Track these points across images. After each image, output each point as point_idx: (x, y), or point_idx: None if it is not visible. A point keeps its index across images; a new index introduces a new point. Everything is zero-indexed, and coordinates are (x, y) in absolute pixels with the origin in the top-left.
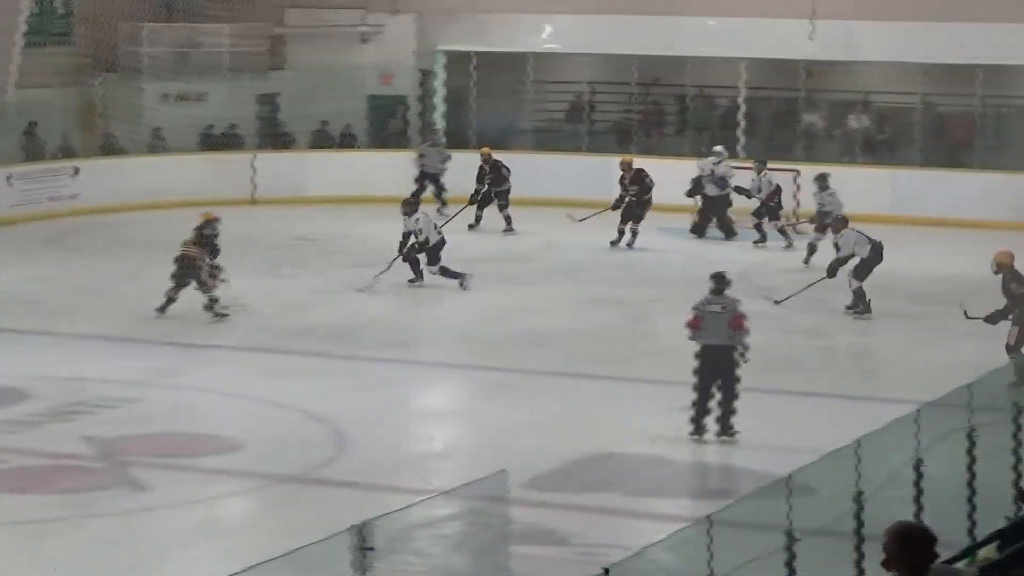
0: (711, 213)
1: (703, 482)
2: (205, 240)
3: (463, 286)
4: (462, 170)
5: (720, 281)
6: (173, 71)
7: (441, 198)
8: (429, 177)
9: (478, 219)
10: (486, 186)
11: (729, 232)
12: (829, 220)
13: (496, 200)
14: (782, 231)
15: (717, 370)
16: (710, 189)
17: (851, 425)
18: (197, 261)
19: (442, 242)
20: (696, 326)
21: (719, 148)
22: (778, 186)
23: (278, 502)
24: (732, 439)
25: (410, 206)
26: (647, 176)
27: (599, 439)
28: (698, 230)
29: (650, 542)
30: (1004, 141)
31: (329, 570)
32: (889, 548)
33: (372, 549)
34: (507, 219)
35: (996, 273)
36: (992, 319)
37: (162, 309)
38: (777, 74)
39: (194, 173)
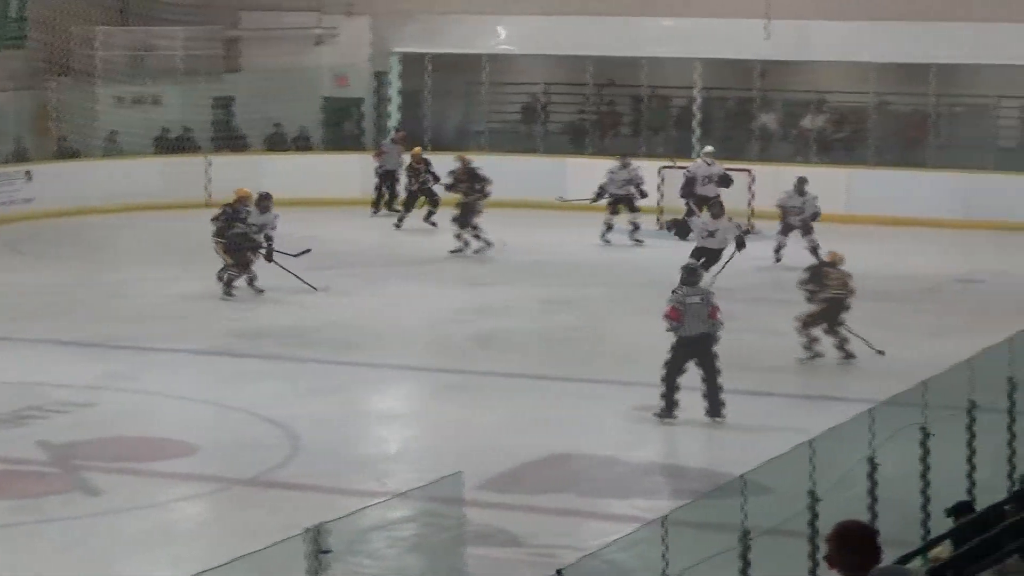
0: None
1: (658, 482)
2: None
3: (313, 288)
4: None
5: (694, 273)
6: (127, 74)
7: (394, 197)
8: (388, 175)
9: (402, 219)
10: (421, 186)
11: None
12: (798, 221)
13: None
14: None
15: (697, 358)
16: (708, 190)
17: (805, 424)
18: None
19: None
20: (676, 318)
21: (708, 148)
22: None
23: (233, 505)
24: (723, 421)
25: (266, 200)
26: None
27: (554, 440)
28: (683, 232)
29: (605, 542)
30: (958, 140)
31: (284, 573)
32: (829, 546)
33: (327, 552)
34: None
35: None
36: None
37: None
38: (732, 74)
39: (149, 176)
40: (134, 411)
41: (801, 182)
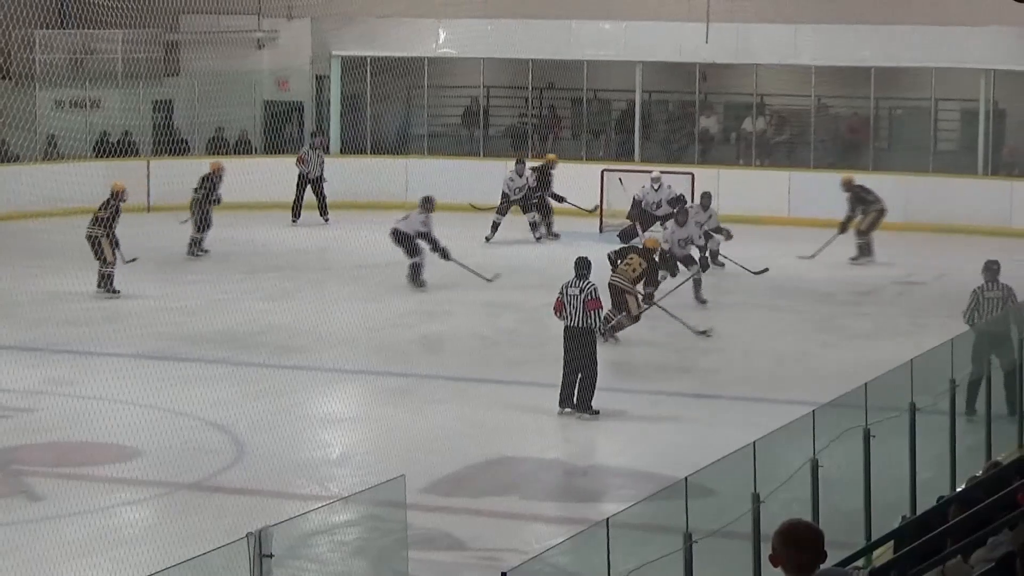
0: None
1: (601, 485)
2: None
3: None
4: (358, 176)
5: (581, 266)
6: (67, 78)
7: (322, 204)
8: (309, 181)
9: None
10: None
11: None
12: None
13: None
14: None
15: (576, 350)
16: (660, 212)
17: (748, 427)
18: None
19: None
20: (558, 308)
21: (655, 173)
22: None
23: (176, 510)
24: (592, 417)
25: (430, 202)
26: None
27: (498, 443)
28: (627, 238)
29: (549, 545)
30: (898, 142)
31: None
32: (775, 544)
33: (270, 556)
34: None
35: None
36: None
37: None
38: (673, 77)
39: (89, 180)
40: (75, 416)
41: (706, 197)
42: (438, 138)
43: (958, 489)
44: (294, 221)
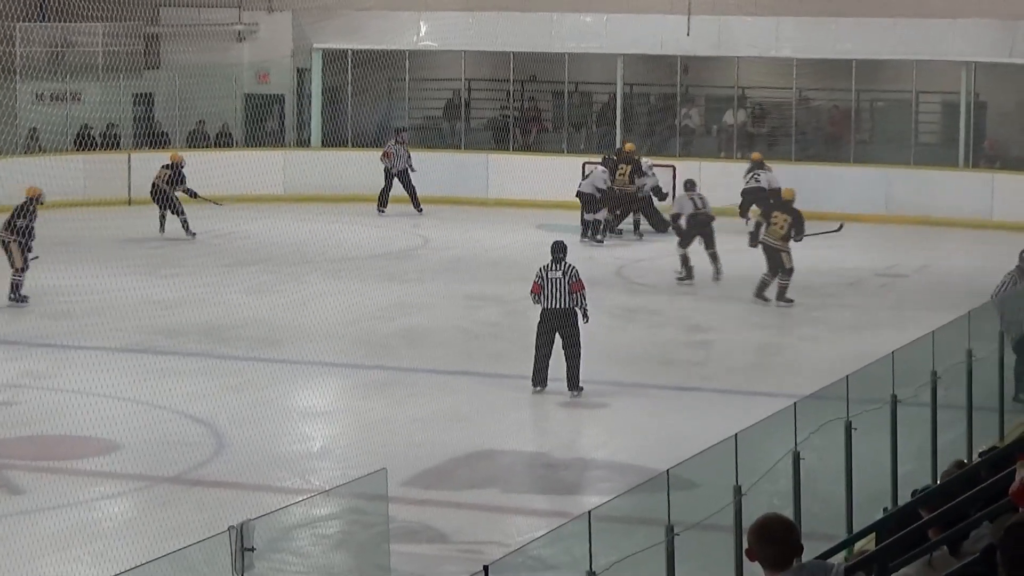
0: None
1: (582, 478)
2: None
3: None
4: (338, 169)
5: (559, 250)
6: (47, 71)
7: (413, 195)
8: (395, 175)
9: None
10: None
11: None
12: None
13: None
14: None
15: (560, 331)
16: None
17: (730, 419)
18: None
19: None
20: (535, 291)
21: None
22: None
23: (156, 503)
24: (579, 394)
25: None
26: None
27: (479, 436)
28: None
29: (531, 538)
30: (879, 135)
31: (209, 571)
32: (750, 539)
33: (251, 549)
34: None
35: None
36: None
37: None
38: (654, 70)
39: (70, 173)
40: (55, 409)
41: (689, 183)
42: (419, 131)
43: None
44: (381, 211)
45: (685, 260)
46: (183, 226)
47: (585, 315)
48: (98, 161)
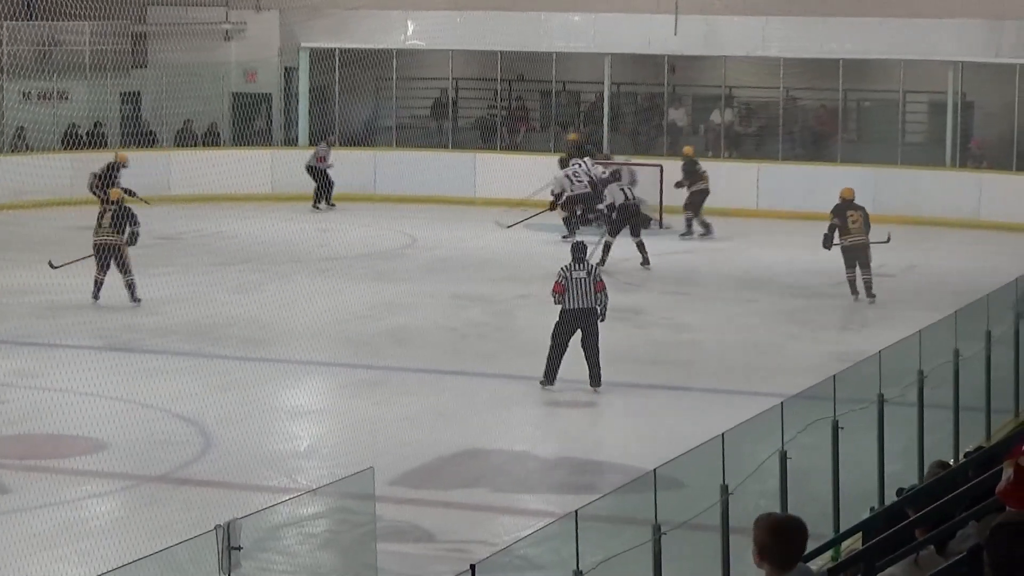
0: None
1: (569, 477)
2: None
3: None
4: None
5: (580, 250)
6: (34, 69)
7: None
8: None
9: None
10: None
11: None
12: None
13: None
14: None
15: (583, 330)
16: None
17: (717, 418)
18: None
19: None
20: (559, 291)
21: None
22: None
23: (143, 502)
24: (599, 391)
25: None
26: None
27: (466, 435)
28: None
29: (518, 537)
30: (866, 134)
31: (195, 570)
32: (762, 540)
33: (238, 548)
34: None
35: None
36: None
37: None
38: (641, 69)
39: (57, 172)
40: (41, 408)
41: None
42: (406, 130)
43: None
44: (332, 206)
45: (607, 248)
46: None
47: (603, 314)
48: (85, 160)
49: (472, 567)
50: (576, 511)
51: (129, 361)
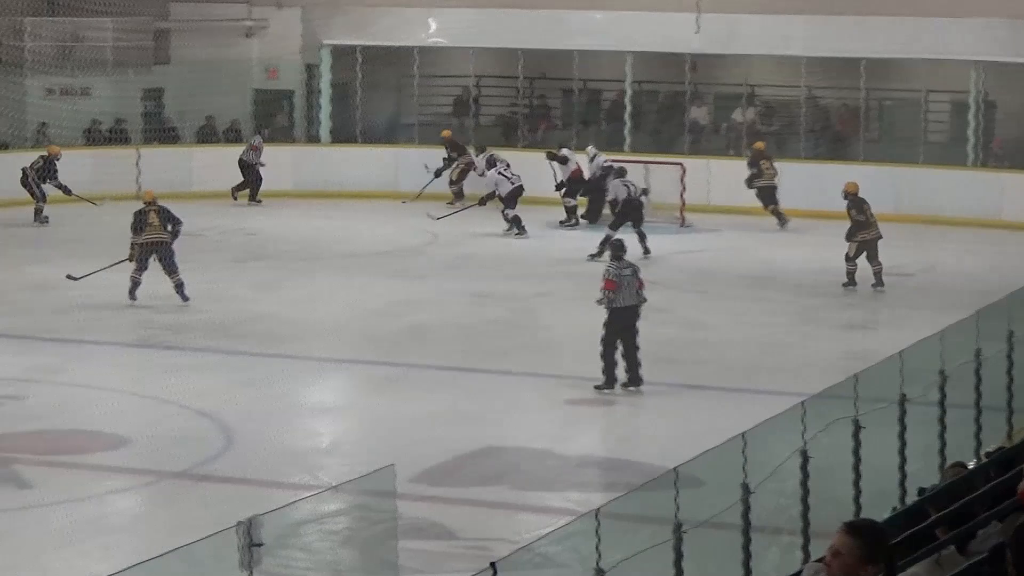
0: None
1: (590, 475)
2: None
3: None
4: (346, 165)
5: (623, 248)
6: (56, 65)
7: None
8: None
9: None
10: None
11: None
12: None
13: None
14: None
15: (627, 329)
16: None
17: (737, 417)
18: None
19: None
20: (613, 288)
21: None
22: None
23: (164, 498)
24: (639, 389)
25: None
26: None
27: (487, 433)
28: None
29: (538, 535)
30: (888, 133)
31: (216, 566)
32: (852, 544)
33: (260, 545)
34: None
35: (844, 199)
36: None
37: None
38: (663, 68)
39: (79, 168)
40: (64, 404)
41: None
42: (428, 127)
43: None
44: (259, 202)
45: (607, 241)
46: (37, 213)
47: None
48: (107, 156)
49: (493, 564)
50: (597, 509)
51: (150, 357)
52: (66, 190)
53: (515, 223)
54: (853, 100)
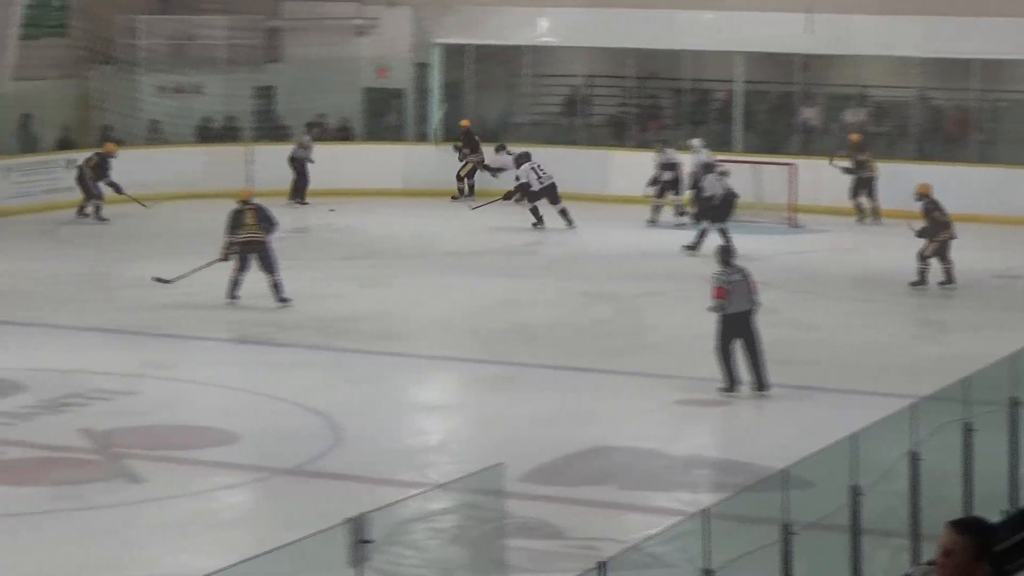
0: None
1: (699, 475)
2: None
3: None
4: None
5: (730, 253)
6: (169, 64)
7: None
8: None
9: None
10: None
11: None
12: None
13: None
14: None
15: (742, 334)
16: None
17: (847, 419)
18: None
19: None
20: (723, 296)
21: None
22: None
23: (274, 494)
24: (768, 394)
25: None
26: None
27: (595, 432)
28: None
29: (646, 535)
30: (1000, 135)
31: (325, 563)
32: (965, 542)
33: (368, 542)
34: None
35: (917, 200)
36: (921, 234)
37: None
38: (773, 68)
39: (191, 165)
40: (174, 399)
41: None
42: (538, 126)
43: None
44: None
45: (703, 234)
46: (95, 211)
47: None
48: (218, 153)
49: (601, 564)
50: (706, 509)
51: (259, 354)
52: (118, 189)
53: (533, 213)
54: (965, 101)
